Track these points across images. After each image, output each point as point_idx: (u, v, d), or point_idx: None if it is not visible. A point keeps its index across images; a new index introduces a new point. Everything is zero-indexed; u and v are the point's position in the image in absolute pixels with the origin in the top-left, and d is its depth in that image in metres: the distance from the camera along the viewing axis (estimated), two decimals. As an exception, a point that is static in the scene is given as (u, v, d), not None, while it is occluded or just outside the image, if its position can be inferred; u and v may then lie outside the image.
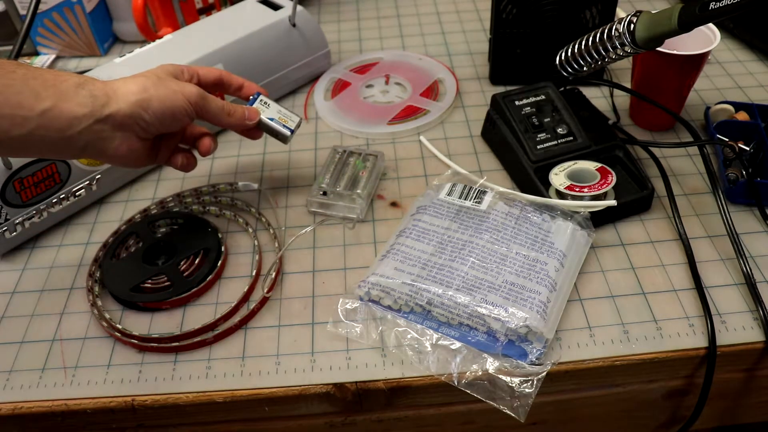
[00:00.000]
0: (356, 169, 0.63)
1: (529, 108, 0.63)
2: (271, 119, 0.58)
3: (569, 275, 0.53)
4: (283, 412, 0.51)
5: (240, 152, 0.68)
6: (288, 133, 0.59)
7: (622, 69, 0.78)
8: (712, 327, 0.49)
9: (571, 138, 0.61)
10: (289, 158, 0.69)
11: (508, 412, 0.46)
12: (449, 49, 0.84)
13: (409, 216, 0.58)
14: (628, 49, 0.54)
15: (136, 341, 0.51)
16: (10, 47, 0.68)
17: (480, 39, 0.86)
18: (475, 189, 0.59)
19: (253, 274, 0.56)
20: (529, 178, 0.60)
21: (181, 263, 0.56)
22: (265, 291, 0.54)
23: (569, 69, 0.62)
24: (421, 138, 0.69)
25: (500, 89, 0.68)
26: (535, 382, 0.47)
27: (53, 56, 0.88)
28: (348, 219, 0.61)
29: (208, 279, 0.55)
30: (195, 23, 0.75)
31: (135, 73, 0.51)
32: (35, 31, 0.86)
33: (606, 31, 0.56)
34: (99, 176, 0.63)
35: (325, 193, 0.61)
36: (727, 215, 0.55)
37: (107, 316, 0.53)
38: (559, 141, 0.61)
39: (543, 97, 0.64)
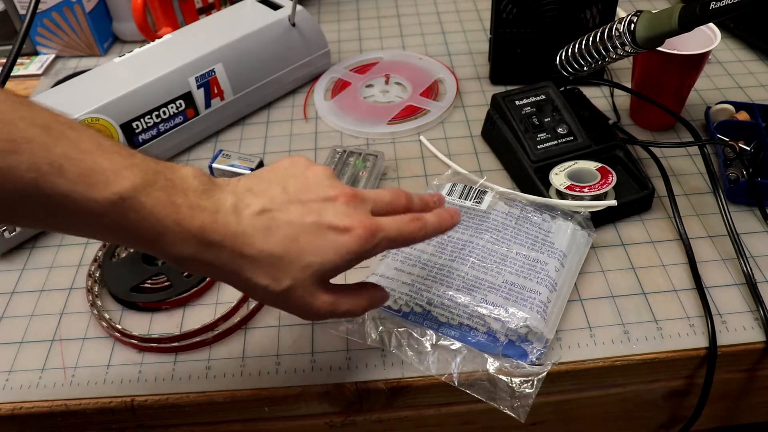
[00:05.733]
0: (356, 169, 0.63)
1: (529, 108, 0.63)
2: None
3: (569, 275, 0.53)
4: (283, 412, 0.50)
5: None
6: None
7: (623, 69, 0.78)
8: (713, 327, 0.49)
9: (572, 138, 0.61)
10: (289, 158, 0.69)
11: (509, 412, 0.46)
12: (449, 49, 0.84)
13: (409, 216, 0.58)
14: (628, 48, 0.54)
15: (135, 341, 0.51)
16: (10, 47, 0.68)
17: (480, 39, 0.86)
18: (475, 189, 0.59)
19: (253, 274, 0.56)
20: (530, 178, 0.60)
21: (181, 263, 0.56)
22: (265, 291, 0.54)
23: (569, 69, 0.61)
24: (421, 138, 0.69)
25: (500, 89, 0.67)
26: (535, 382, 0.47)
27: (53, 56, 0.88)
28: (348, 219, 0.61)
29: (207, 279, 0.55)
30: (195, 23, 0.75)
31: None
32: (35, 30, 0.86)
33: (606, 30, 0.56)
34: (99, 176, 0.63)
35: (325, 193, 0.61)
36: (728, 215, 0.55)
37: (107, 316, 0.53)
38: (560, 141, 0.61)
39: (543, 96, 0.64)
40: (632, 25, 0.53)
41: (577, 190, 0.56)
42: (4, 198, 0.32)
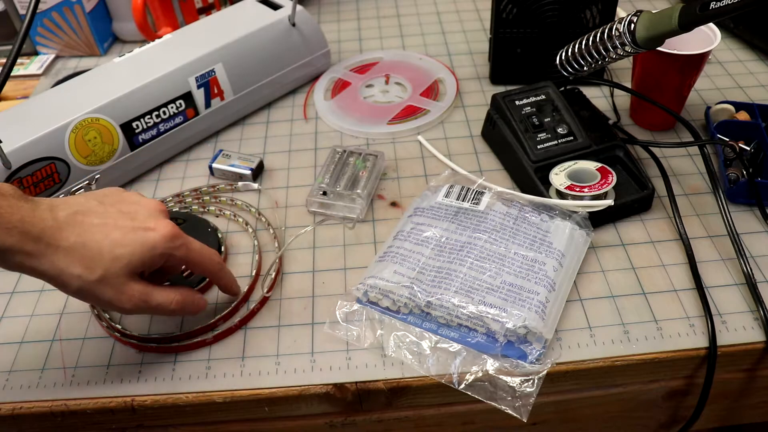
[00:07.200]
0: (356, 169, 0.63)
1: (529, 108, 0.63)
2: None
3: (568, 275, 0.53)
4: (283, 412, 0.50)
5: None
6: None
7: (623, 69, 0.78)
8: (713, 327, 0.49)
9: (572, 138, 0.61)
10: (289, 158, 0.69)
11: (511, 412, 0.46)
12: (449, 49, 0.84)
13: (407, 217, 0.58)
14: (628, 48, 0.54)
15: (135, 341, 0.51)
16: (10, 47, 0.68)
17: (480, 39, 0.86)
18: (473, 190, 0.58)
19: (253, 274, 0.56)
20: (530, 178, 0.60)
21: (181, 263, 0.56)
22: (265, 291, 0.54)
23: (569, 69, 0.61)
24: (419, 137, 0.69)
25: (500, 89, 0.67)
26: (536, 381, 0.47)
27: (53, 56, 0.88)
28: (348, 219, 0.61)
29: (207, 279, 0.55)
30: (195, 23, 0.75)
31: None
32: (35, 30, 0.86)
33: (606, 30, 0.56)
34: (98, 176, 0.63)
35: (325, 193, 0.61)
36: (728, 215, 0.55)
37: (107, 316, 0.53)
38: (560, 141, 0.61)
39: (543, 96, 0.64)
40: (632, 25, 0.53)
41: (577, 190, 0.56)
42: None
